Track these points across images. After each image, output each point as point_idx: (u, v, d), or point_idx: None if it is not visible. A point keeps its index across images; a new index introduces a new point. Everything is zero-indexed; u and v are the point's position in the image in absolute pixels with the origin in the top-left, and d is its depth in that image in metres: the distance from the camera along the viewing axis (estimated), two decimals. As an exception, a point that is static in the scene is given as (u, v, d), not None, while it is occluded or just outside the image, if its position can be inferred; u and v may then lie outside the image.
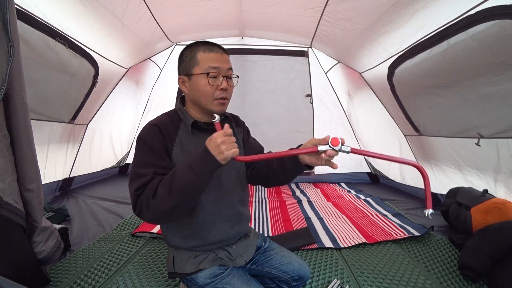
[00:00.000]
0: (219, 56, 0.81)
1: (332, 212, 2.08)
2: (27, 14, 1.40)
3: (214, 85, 0.80)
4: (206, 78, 0.79)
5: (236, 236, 0.92)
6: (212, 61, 0.79)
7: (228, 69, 0.83)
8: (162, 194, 0.68)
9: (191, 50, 0.82)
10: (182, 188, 0.67)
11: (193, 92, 0.83)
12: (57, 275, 1.16)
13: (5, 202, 0.92)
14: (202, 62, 0.80)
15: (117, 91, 2.78)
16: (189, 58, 0.82)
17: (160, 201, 0.68)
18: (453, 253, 1.39)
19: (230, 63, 0.84)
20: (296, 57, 3.03)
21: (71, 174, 2.49)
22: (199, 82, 0.80)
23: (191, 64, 0.81)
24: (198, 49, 0.81)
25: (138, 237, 1.57)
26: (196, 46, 0.82)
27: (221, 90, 0.80)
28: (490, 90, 1.39)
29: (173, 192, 0.67)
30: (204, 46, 0.81)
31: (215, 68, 0.79)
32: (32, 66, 1.57)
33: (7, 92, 0.92)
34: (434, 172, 2.17)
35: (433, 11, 1.42)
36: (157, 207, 0.69)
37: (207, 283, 0.82)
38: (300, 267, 0.96)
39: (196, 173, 0.67)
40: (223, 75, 0.81)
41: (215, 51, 0.81)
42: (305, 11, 2.06)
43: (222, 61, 0.81)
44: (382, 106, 2.57)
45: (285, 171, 0.83)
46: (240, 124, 1.04)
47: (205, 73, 0.79)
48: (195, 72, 0.80)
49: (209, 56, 0.80)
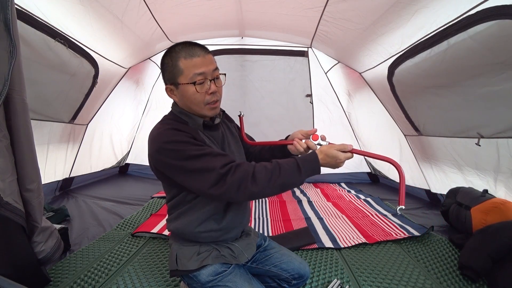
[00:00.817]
0: (202, 59, 0.78)
1: (332, 212, 2.08)
2: (27, 14, 1.40)
3: (203, 91, 0.78)
4: (194, 87, 0.77)
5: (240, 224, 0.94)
6: (196, 67, 0.77)
7: (214, 70, 0.80)
8: (264, 182, 0.71)
9: (171, 57, 0.79)
10: (285, 184, 0.74)
11: (184, 101, 0.82)
12: (57, 275, 1.16)
13: (5, 202, 0.92)
14: (186, 70, 0.77)
15: (117, 91, 2.78)
16: (172, 67, 0.79)
17: (261, 187, 0.72)
18: (453, 253, 1.39)
19: (214, 63, 0.82)
20: (296, 57, 3.03)
21: (71, 174, 2.49)
22: (187, 91, 0.79)
23: (174, 73, 0.79)
24: (179, 56, 0.78)
25: (138, 237, 1.57)
26: (176, 52, 0.78)
27: (211, 94, 0.80)
28: (490, 90, 1.39)
29: (276, 184, 0.72)
30: (185, 52, 0.78)
31: (200, 74, 0.77)
32: (32, 66, 1.57)
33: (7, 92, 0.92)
34: (434, 172, 2.17)
35: (433, 11, 1.42)
36: (255, 190, 0.72)
37: (209, 281, 0.82)
38: (300, 266, 0.97)
39: (302, 177, 0.73)
40: (210, 78, 0.79)
41: (197, 55, 0.77)
42: (305, 11, 2.05)
43: (206, 64, 0.78)
44: (382, 106, 2.57)
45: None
46: (231, 120, 1.07)
47: (192, 82, 0.77)
48: (181, 81, 0.78)
49: (192, 63, 0.77)
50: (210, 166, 0.72)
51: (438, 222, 1.82)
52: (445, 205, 1.78)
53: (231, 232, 0.91)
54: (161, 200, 2.29)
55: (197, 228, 0.86)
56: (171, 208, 0.91)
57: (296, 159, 0.75)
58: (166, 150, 0.74)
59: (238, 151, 0.98)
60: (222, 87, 0.86)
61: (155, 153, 0.76)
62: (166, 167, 0.77)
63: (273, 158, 0.85)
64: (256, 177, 0.72)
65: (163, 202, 2.23)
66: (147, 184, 2.89)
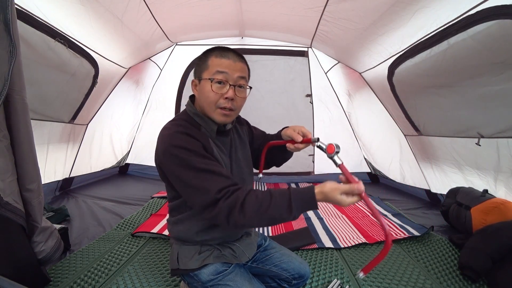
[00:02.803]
0: (230, 63, 0.77)
1: (332, 212, 2.08)
2: (27, 14, 1.40)
3: (219, 92, 0.76)
4: (210, 84, 0.76)
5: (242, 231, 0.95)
6: (221, 66, 0.76)
7: (239, 77, 0.78)
8: (251, 213, 0.67)
9: (206, 53, 0.81)
10: (275, 218, 0.68)
11: (200, 98, 0.82)
12: (57, 275, 1.16)
13: (5, 202, 0.92)
14: (211, 66, 0.77)
15: (117, 91, 2.78)
16: (202, 62, 0.80)
17: (247, 218, 0.67)
18: (453, 253, 1.39)
19: (244, 72, 0.80)
20: (296, 57, 3.03)
21: (71, 174, 2.49)
22: (205, 87, 0.78)
23: (202, 68, 0.80)
24: (212, 54, 0.79)
25: (138, 237, 1.57)
26: (211, 51, 0.80)
27: (226, 99, 0.76)
28: (490, 90, 1.39)
29: (263, 217, 0.67)
30: (218, 51, 0.79)
31: (222, 73, 0.76)
32: (32, 66, 1.57)
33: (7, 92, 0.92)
34: (434, 172, 2.17)
35: (433, 11, 1.42)
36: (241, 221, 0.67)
37: (210, 280, 0.82)
38: (300, 266, 0.97)
39: (293, 214, 0.67)
40: (232, 83, 0.77)
41: (227, 57, 0.78)
42: (305, 11, 2.05)
43: (232, 68, 0.77)
44: (382, 106, 2.57)
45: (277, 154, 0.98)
46: (242, 122, 1.03)
47: (210, 78, 0.76)
48: (204, 76, 0.79)
49: (220, 62, 0.77)
50: (206, 187, 0.69)
51: (438, 222, 1.82)
52: (445, 205, 1.78)
53: (233, 236, 0.91)
54: (161, 200, 2.29)
55: (198, 236, 0.86)
56: (171, 210, 0.91)
57: (290, 193, 0.68)
58: (172, 154, 0.73)
59: (245, 157, 0.96)
60: (243, 99, 0.82)
61: (161, 153, 0.75)
62: (168, 170, 0.76)
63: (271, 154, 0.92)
64: (244, 207, 0.67)
65: (163, 202, 2.23)
66: (147, 184, 2.88)
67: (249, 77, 0.86)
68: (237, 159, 0.91)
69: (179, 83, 3.12)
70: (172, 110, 3.13)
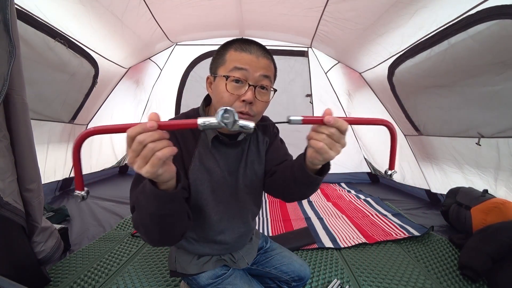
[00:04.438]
0: (252, 58, 0.63)
1: (332, 212, 2.08)
2: (27, 14, 1.40)
3: (235, 93, 0.62)
4: (225, 82, 0.62)
5: (242, 245, 0.92)
6: (240, 62, 0.62)
7: (262, 76, 0.64)
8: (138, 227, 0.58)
9: (224, 46, 0.68)
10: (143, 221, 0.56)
11: (214, 98, 0.69)
12: (57, 275, 1.16)
13: (5, 202, 0.92)
14: (228, 61, 0.64)
15: (117, 91, 2.78)
16: (219, 56, 0.68)
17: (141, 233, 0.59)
18: (453, 253, 1.39)
19: (268, 70, 0.65)
20: (296, 57, 3.03)
21: (71, 174, 2.49)
22: (219, 86, 0.64)
23: (218, 62, 0.67)
24: (231, 47, 0.66)
25: (138, 237, 1.57)
26: (231, 43, 0.67)
27: (243, 102, 0.62)
28: (490, 90, 1.39)
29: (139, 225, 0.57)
30: (239, 44, 0.66)
31: (240, 69, 0.62)
32: (32, 66, 1.57)
33: (7, 92, 0.92)
34: (435, 172, 2.17)
35: (433, 11, 1.42)
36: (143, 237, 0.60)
37: (209, 284, 0.82)
38: (301, 268, 0.96)
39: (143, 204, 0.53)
40: (252, 83, 0.62)
41: (249, 51, 0.64)
42: (305, 11, 2.05)
43: (254, 64, 0.63)
44: (382, 106, 2.57)
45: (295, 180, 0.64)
46: (268, 131, 0.85)
47: (225, 75, 0.63)
48: (219, 73, 0.66)
49: (239, 56, 0.63)
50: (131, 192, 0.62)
51: (438, 222, 1.82)
52: (445, 205, 1.78)
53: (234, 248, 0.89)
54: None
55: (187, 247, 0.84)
56: None
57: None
58: None
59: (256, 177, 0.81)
60: (265, 104, 0.66)
61: None
62: None
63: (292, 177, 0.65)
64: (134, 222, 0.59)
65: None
66: (147, 184, 2.88)
67: (275, 78, 0.71)
68: (244, 178, 0.78)
69: (179, 83, 3.12)
70: (172, 110, 3.13)
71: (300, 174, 0.61)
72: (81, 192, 0.51)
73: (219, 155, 0.75)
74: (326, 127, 0.50)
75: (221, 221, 0.80)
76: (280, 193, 0.78)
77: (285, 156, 0.84)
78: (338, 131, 0.50)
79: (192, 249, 0.84)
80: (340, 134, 0.50)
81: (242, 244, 0.91)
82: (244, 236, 0.89)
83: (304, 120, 0.51)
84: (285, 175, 0.70)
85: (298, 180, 0.63)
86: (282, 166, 0.78)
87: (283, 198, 0.79)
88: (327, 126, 0.50)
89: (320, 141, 0.50)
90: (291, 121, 0.51)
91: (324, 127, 0.50)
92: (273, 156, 0.83)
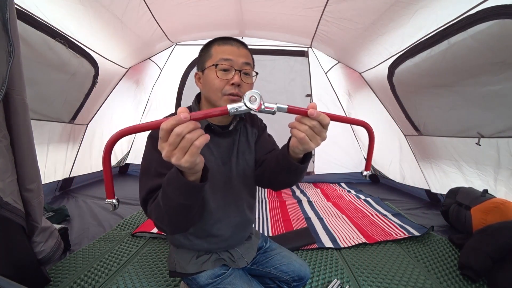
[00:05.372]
0: (234, 49, 0.76)
1: (332, 212, 2.08)
2: (27, 14, 1.40)
3: (225, 78, 0.73)
4: (215, 70, 0.73)
5: (240, 241, 0.92)
6: (225, 53, 0.74)
7: (244, 63, 0.76)
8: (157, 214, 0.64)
9: (208, 44, 0.80)
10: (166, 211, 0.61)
11: (205, 88, 0.78)
12: (57, 275, 1.16)
13: (5, 202, 0.92)
14: (214, 54, 0.75)
15: (117, 91, 2.78)
16: (205, 52, 0.79)
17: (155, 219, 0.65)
18: (453, 253, 1.39)
19: (248, 58, 0.78)
20: (296, 57, 3.02)
21: (71, 174, 2.49)
22: (209, 75, 0.75)
23: (205, 58, 0.78)
24: (214, 43, 0.78)
25: (138, 237, 1.57)
26: (213, 40, 0.79)
27: (232, 85, 0.72)
28: (490, 90, 1.39)
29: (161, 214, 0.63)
30: (221, 40, 0.78)
31: (226, 60, 0.73)
32: (32, 66, 1.57)
33: (7, 92, 0.92)
34: (434, 172, 2.17)
35: (433, 11, 1.42)
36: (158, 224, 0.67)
37: (208, 283, 0.82)
38: (301, 268, 0.96)
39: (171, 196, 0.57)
40: (237, 68, 0.74)
41: (230, 44, 0.77)
42: (305, 11, 2.05)
43: (236, 54, 0.75)
44: (382, 106, 2.57)
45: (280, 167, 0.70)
46: (256, 123, 0.95)
47: (214, 64, 0.73)
48: (207, 65, 0.76)
49: (223, 49, 0.75)
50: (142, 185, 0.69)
51: (438, 222, 1.82)
52: (445, 205, 1.78)
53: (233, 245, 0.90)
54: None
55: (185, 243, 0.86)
56: None
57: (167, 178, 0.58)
58: (147, 140, 0.75)
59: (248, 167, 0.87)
60: (250, 85, 0.78)
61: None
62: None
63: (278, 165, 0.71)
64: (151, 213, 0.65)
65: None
66: (147, 184, 2.88)
67: (254, 65, 0.83)
68: (237, 167, 0.84)
69: (179, 83, 3.12)
70: (172, 110, 3.13)
71: (284, 162, 0.67)
72: (113, 201, 0.52)
73: (212, 144, 0.81)
74: (309, 119, 0.53)
75: (218, 209, 0.82)
76: (268, 181, 0.84)
77: (273, 145, 0.93)
78: (320, 125, 0.54)
79: (190, 245, 0.85)
80: (321, 128, 0.54)
81: (239, 239, 0.91)
82: (241, 228, 0.89)
83: (289, 109, 0.54)
84: (272, 163, 0.77)
85: (283, 167, 0.69)
86: (269, 156, 0.85)
87: (271, 186, 0.85)
88: (310, 118, 0.53)
89: (302, 131, 0.54)
90: (278, 108, 0.54)
91: (307, 119, 0.54)
92: (261, 145, 0.91)
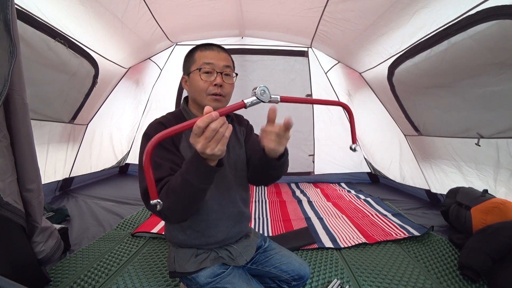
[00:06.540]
0: (215, 53, 0.84)
1: (332, 212, 2.08)
2: (27, 14, 1.40)
3: (208, 80, 0.81)
4: (199, 74, 0.81)
5: (237, 235, 0.93)
6: (207, 58, 0.82)
7: (225, 66, 0.83)
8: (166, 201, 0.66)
9: (191, 51, 0.88)
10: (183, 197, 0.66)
11: (191, 90, 0.86)
12: (57, 275, 1.16)
13: (5, 202, 0.92)
14: (198, 59, 0.83)
15: (117, 91, 2.78)
16: (189, 58, 0.87)
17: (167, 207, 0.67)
18: (453, 253, 1.39)
19: (228, 61, 0.86)
20: (296, 57, 3.03)
21: (71, 174, 2.49)
22: (194, 78, 0.83)
23: (189, 63, 0.86)
24: (197, 49, 0.86)
25: (138, 237, 1.57)
26: (196, 47, 0.87)
27: (215, 86, 0.81)
28: (490, 90, 1.39)
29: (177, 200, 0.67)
30: (203, 46, 0.86)
31: (208, 64, 0.81)
32: (32, 66, 1.57)
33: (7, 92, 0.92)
34: (434, 172, 2.17)
35: (433, 11, 1.42)
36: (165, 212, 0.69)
37: (208, 283, 0.82)
38: (300, 267, 0.96)
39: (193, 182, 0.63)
40: (218, 71, 0.82)
41: (211, 49, 0.84)
42: (305, 11, 2.06)
43: (217, 58, 0.83)
44: (382, 106, 2.57)
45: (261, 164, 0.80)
46: (243, 123, 1.04)
47: (198, 68, 0.81)
48: (192, 69, 0.84)
49: (205, 54, 0.83)
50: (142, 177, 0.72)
51: (438, 222, 1.82)
52: (445, 205, 1.78)
53: (230, 239, 0.91)
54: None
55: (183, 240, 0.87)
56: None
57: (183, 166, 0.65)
58: (142, 138, 0.79)
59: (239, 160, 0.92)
60: (231, 85, 0.86)
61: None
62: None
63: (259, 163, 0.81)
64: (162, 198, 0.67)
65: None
66: (147, 184, 2.88)
67: (234, 67, 0.90)
68: (229, 160, 0.89)
69: (179, 83, 3.12)
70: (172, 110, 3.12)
71: (265, 161, 0.78)
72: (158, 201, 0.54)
73: None
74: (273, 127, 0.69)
75: (213, 201, 0.84)
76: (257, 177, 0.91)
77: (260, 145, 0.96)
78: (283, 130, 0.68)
79: (188, 241, 0.86)
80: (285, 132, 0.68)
81: (236, 232, 0.91)
82: (236, 221, 0.90)
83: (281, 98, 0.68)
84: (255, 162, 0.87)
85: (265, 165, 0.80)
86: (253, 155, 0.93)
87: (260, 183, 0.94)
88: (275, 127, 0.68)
89: (272, 141, 0.68)
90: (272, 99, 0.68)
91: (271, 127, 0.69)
92: (250, 143, 0.99)
